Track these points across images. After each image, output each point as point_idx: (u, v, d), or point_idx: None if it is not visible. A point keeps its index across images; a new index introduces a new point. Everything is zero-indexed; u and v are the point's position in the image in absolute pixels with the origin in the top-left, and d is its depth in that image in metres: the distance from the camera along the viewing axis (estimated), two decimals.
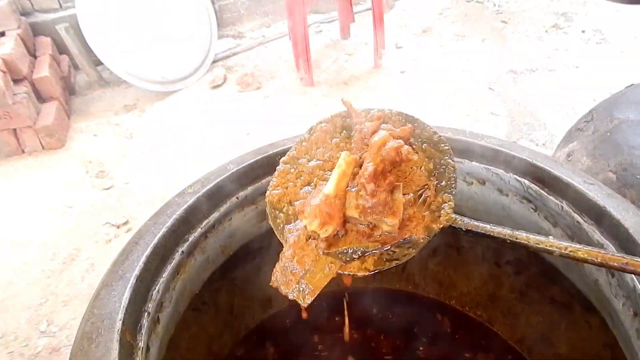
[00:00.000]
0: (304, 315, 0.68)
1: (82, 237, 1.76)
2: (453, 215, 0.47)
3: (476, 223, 0.45)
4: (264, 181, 0.69)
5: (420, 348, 1.02)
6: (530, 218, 0.64)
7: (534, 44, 2.81)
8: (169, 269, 0.56)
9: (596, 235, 0.53)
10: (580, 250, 0.38)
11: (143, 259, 0.52)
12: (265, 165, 0.69)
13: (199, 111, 2.56)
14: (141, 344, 0.47)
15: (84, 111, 2.61)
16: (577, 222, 0.56)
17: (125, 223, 1.82)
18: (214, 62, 2.93)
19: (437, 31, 3.05)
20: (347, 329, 1.01)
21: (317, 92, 2.59)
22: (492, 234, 0.43)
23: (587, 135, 1.15)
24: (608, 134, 1.08)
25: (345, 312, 1.03)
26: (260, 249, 1.00)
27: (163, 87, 2.70)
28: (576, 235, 0.57)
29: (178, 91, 2.74)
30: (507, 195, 0.65)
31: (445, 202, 0.48)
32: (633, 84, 1.24)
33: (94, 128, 2.48)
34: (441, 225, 0.46)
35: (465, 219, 0.46)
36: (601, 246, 0.53)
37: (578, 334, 0.93)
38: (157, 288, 0.53)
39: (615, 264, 0.37)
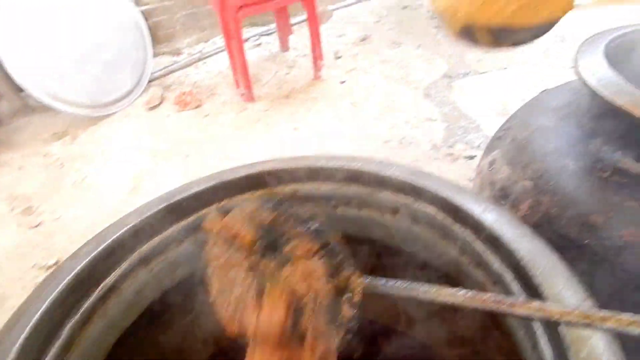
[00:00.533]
0: None
1: (6, 282, 1.63)
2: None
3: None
4: (170, 230, 0.66)
5: None
6: (441, 246, 0.64)
7: (466, 48, 2.91)
8: (54, 350, 0.51)
9: (497, 264, 0.54)
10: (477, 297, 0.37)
11: (17, 344, 0.47)
12: (171, 214, 0.65)
13: (135, 135, 2.46)
14: None
15: (7, 142, 2.44)
16: (479, 252, 0.56)
17: (56, 263, 1.70)
18: (150, 81, 2.83)
19: (375, 39, 3.11)
20: None
21: (258, 107, 2.56)
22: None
23: (506, 144, 1.19)
24: (524, 142, 1.13)
25: None
26: (178, 302, 0.95)
27: (95, 111, 2.58)
28: (481, 264, 0.58)
29: (112, 115, 2.62)
30: (418, 224, 0.65)
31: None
32: (546, 89, 1.30)
33: (19, 160, 2.32)
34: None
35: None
36: (500, 275, 0.53)
37: None
38: None
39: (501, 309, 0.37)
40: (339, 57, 2.93)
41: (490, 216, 0.56)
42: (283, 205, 0.43)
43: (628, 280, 0.87)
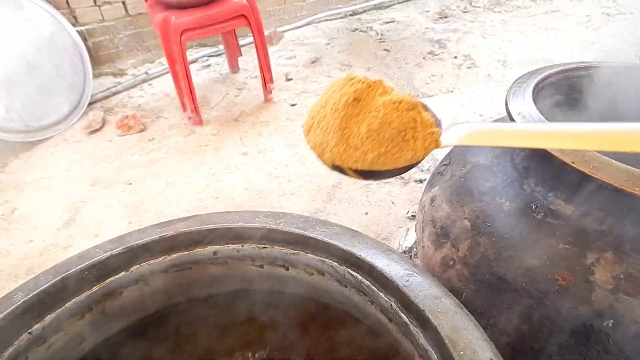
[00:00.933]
0: None
1: None
2: None
3: None
4: (69, 304, 0.58)
5: None
6: (370, 311, 0.61)
7: (414, 70, 2.97)
8: None
9: (421, 339, 0.51)
10: None
11: None
12: (70, 286, 0.58)
13: (73, 161, 2.31)
14: None
15: None
16: (405, 322, 0.53)
17: None
18: (90, 103, 2.69)
19: (325, 61, 3.11)
20: None
21: (206, 130, 2.48)
22: None
23: (446, 180, 1.18)
24: (462, 179, 1.13)
25: None
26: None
27: (28, 136, 2.41)
28: (408, 335, 0.55)
29: (48, 139, 2.46)
30: (346, 287, 0.62)
31: None
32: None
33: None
34: None
35: None
36: (425, 351, 0.50)
37: None
38: None
39: None
40: (290, 80, 2.91)
41: (414, 286, 0.53)
42: None
43: (563, 324, 0.87)
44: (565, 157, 0.88)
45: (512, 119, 0.94)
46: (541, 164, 1.00)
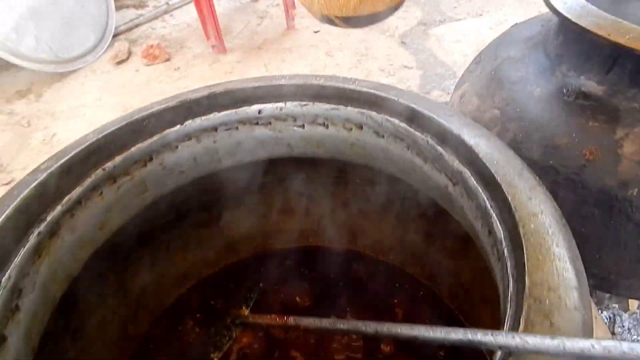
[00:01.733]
0: None
1: None
2: None
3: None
4: (134, 149, 0.65)
5: (340, 296, 1.05)
6: (405, 157, 0.65)
7: None
8: (22, 252, 0.51)
9: (455, 163, 0.55)
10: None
11: None
12: (133, 132, 0.64)
13: (103, 90, 2.37)
14: None
15: None
16: (440, 153, 0.58)
17: None
18: (115, 35, 2.71)
19: None
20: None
21: (230, 58, 2.49)
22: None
23: (476, 76, 1.19)
24: (493, 72, 1.13)
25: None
26: (152, 225, 0.96)
27: (59, 67, 2.47)
28: (443, 167, 0.60)
29: (77, 70, 2.52)
30: (383, 137, 0.66)
31: None
32: (517, 24, 1.30)
33: None
34: None
35: None
36: (460, 173, 0.55)
37: (476, 264, 1.00)
38: (7, 275, 0.48)
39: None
40: None
41: (451, 119, 0.57)
42: None
43: (588, 196, 0.91)
44: (601, 31, 0.88)
45: (554, 11, 0.92)
46: (575, 49, 1.00)
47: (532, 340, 0.30)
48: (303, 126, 0.72)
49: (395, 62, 2.37)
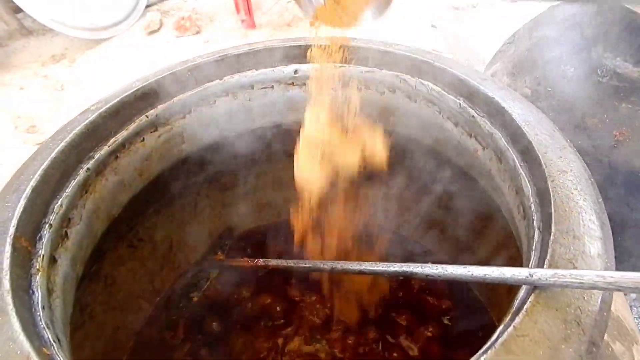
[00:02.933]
0: None
1: None
2: None
3: None
4: (175, 99, 0.68)
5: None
6: (436, 121, 0.66)
7: None
8: (72, 184, 0.54)
9: (487, 126, 0.57)
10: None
11: (40, 171, 0.50)
12: (176, 83, 0.67)
13: (134, 59, 2.42)
14: (41, 252, 0.47)
15: (5, 63, 2.41)
16: (472, 116, 0.59)
17: None
18: (147, 6, 2.75)
19: None
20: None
21: (259, 34, 2.51)
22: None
23: (508, 55, 1.19)
24: (526, 52, 1.13)
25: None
26: (184, 182, 1.00)
27: (93, 34, 2.52)
28: (473, 130, 0.61)
29: (110, 38, 2.57)
30: (415, 101, 0.67)
31: None
32: (553, 5, 1.28)
33: (20, 81, 2.30)
34: None
35: None
36: (490, 135, 0.56)
37: (495, 240, 1.01)
38: (59, 202, 0.52)
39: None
40: None
41: (485, 83, 0.58)
42: None
43: (615, 177, 0.91)
44: None
45: None
46: (613, 30, 0.99)
47: (561, 273, 0.32)
48: (336, 90, 0.73)
49: (424, 45, 2.35)
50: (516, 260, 0.67)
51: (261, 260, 0.75)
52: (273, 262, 0.74)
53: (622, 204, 0.90)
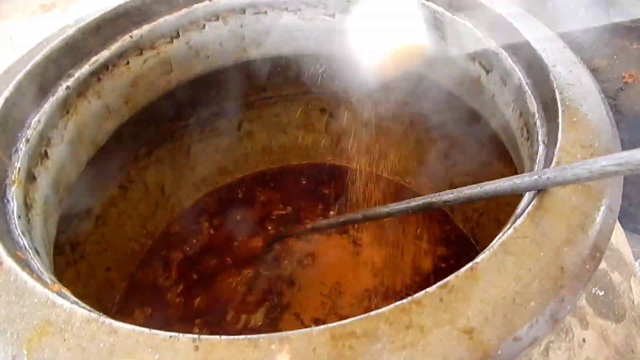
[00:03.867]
0: None
1: None
2: None
3: None
4: (161, 20, 0.63)
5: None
6: (439, 48, 0.63)
7: None
8: (51, 101, 0.51)
9: (493, 45, 0.53)
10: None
11: (14, 82, 0.47)
12: (162, 3, 0.63)
13: None
14: (17, 165, 0.44)
15: None
16: (478, 37, 0.55)
17: None
18: None
19: None
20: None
21: None
22: None
23: None
24: None
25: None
26: (175, 122, 0.96)
27: None
28: (477, 54, 0.57)
29: None
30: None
31: None
32: None
33: (7, 32, 2.22)
34: None
35: None
36: (496, 55, 0.53)
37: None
38: (37, 118, 0.49)
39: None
40: None
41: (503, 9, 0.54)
42: None
43: (621, 121, 0.88)
44: None
45: None
46: None
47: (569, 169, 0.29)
48: (334, 15, 0.69)
49: None
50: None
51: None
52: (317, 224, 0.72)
53: (627, 149, 0.88)
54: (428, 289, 0.29)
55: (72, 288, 0.86)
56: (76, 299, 0.33)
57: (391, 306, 0.28)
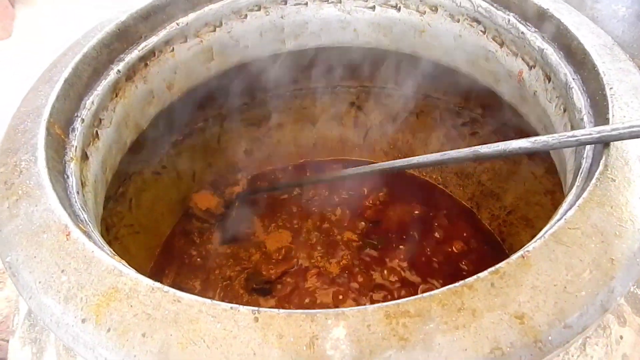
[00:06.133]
0: None
1: None
2: None
3: None
4: (206, 8, 0.65)
5: (378, 212, 1.06)
6: (479, 43, 0.63)
7: None
8: (103, 84, 0.53)
9: (538, 41, 0.53)
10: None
11: (72, 64, 0.49)
12: None
13: None
14: (74, 143, 0.47)
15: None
16: (522, 32, 0.55)
17: None
18: None
19: None
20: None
21: None
22: None
23: None
24: None
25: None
26: (213, 108, 0.98)
27: None
28: (520, 49, 0.57)
29: None
30: (458, 21, 0.64)
31: None
32: None
33: (42, 16, 2.28)
34: None
35: None
36: (541, 51, 0.53)
37: (523, 185, 0.98)
38: (91, 99, 0.51)
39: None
40: None
41: None
42: None
43: None
44: None
45: None
46: None
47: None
48: (374, 7, 0.70)
49: None
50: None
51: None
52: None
53: None
54: (479, 274, 0.29)
55: None
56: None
57: (444, 289, 0.29)
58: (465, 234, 1.02)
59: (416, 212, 1.04)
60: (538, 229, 0.34)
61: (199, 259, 0.97)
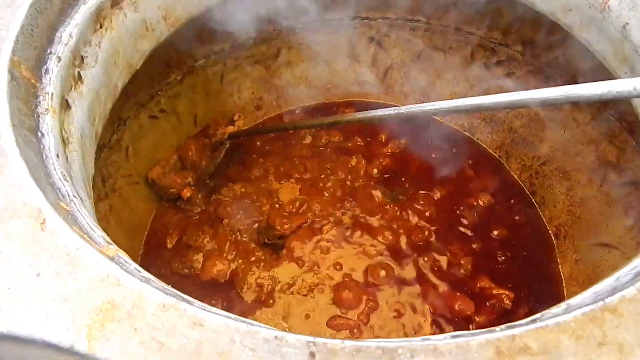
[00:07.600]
0: None
1: None
2: None
3: None
4: None
5: (404, 155, 0.98)
6: None
7: None
8: (83, 10, 0.42)
9: None
10: None
11: None
12: None
13: None
14: (50, 89, 0.36)
15: None
16: None
17: None
18: None
19: None
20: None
21: None
22: None
23: None
24: None
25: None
26: (215, 43, 0.86)
27: None
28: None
29: None
30: None
31: None
32: None
33: None
34: None
35: None
36: None
37: (562, 133, 0.88)
38: (67, 31, 0.40)
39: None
40: None
41: None
42: None
43: None
44: None
45: None
46: None
47: None
48: None
49: None
50: None
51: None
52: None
53: None
54: (624, 292, 0.21)
55: (105, 223, 0.81)
56: (139, 268, 0.26)
57: (577, 313, 0.20)
58: (491, 186, 0.95)
59: (438, 161, 0.95)
60: (576, 182, 0.25)
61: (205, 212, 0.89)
